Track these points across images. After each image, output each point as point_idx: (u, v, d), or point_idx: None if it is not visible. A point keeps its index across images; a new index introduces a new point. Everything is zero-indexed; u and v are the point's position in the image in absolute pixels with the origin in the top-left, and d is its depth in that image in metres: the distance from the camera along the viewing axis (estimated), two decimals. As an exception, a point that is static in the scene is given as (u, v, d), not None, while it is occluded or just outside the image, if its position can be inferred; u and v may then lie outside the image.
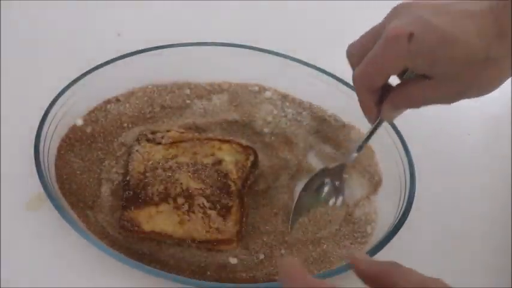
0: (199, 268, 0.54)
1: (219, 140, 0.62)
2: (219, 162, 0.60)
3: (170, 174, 0.58)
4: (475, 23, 0.44)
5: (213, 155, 0.61)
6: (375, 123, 0.54)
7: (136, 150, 0.61)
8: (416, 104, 0.50)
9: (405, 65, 0.47)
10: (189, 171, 0.59)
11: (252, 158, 0.62)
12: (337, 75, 0.68)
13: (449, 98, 0.49)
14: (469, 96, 0.48)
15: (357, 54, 0.50)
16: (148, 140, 0.62)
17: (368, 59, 0.48)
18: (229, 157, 0.61)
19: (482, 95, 0.48)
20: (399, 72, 0.49)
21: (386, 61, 0.47)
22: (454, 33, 0.44)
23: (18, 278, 0.52)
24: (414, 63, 0.46)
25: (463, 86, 0.47)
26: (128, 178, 0.59)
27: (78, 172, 0.60)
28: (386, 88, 0.51)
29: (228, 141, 0.62)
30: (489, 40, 0.44)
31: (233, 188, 0.58)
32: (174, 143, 0.62)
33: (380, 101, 0.51)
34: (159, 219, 0.55)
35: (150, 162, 0.59)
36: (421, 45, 0.45)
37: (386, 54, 0.46)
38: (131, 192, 0.57)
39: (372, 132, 0.55)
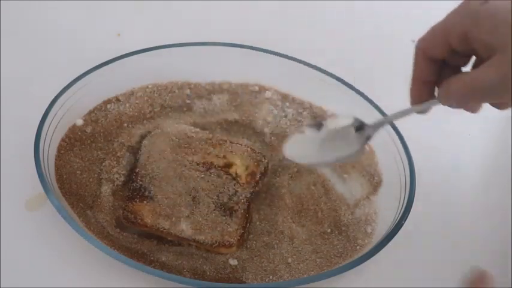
0: (199, 268, 0.54)
1: (233, 143, 0.62)
2: (230, 165, 0.60)
3: (180, 171, 0.58)
4: None
5: (224, 157, 0.60)
6: (420, 105, 0.49)
7: (149, 143, 0.61)
8: (476, 89, 0.45)
9: (468, 30, 0.44)
10: (198, 171, 0.59)
11: (263, 165, 0.61)
12: (338, 75, 0.68)
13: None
14: None
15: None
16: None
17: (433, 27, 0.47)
18: (240, 161, 0.60)
19: None
20: (460, 40, 0.46)
21: (449, 21, 0.45)
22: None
23: (18, 278, 0.52)
24: (478, 28, 0.44)
25: None
26: (137, 170, 0.59)
27: (78, 172, 0.60)
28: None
29: (241, 146, 0.62)
30: None
31: (241, 192, 0.58)
32: (188, 141, 0.61)
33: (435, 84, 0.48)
34: (162, 215, 0.55)
35: (162, 157, 0.59)
36: (488, 8, 0.43)
37: (451, 15, 0.45)
38: (138, 184, 0.57)
39: (406, 112, 0.49)
